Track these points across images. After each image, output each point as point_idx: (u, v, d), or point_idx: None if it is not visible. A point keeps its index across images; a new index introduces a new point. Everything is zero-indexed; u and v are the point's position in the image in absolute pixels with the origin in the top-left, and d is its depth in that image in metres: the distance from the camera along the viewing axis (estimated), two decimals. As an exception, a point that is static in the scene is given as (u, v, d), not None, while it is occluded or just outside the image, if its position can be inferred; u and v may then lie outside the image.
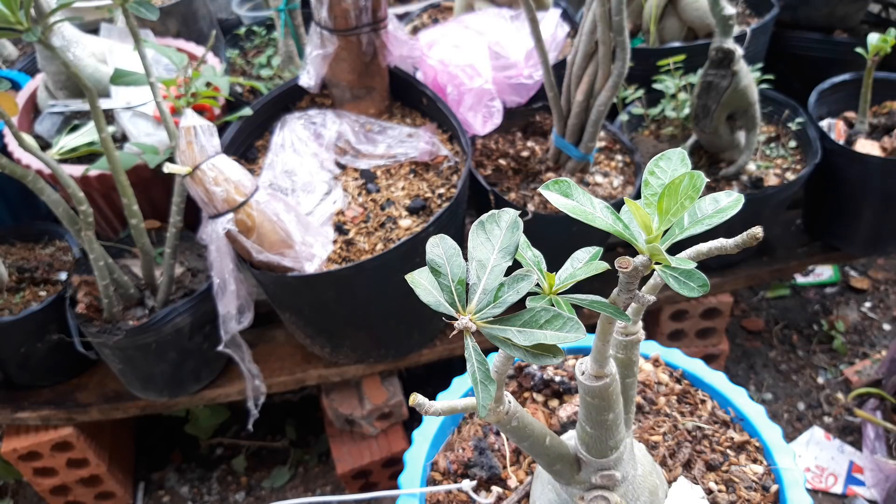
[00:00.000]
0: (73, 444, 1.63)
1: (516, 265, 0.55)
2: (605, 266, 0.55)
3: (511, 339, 0.50)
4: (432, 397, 0.70)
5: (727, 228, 0.56)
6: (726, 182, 1.64)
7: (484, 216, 0.54)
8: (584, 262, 0.59)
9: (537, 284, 0.56)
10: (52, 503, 1.77)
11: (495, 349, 0.58)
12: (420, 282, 0.54)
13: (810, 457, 1.81)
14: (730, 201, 0.56)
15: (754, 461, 0.96)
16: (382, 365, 1.60)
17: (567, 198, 0.56)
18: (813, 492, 1.75)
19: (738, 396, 1.02)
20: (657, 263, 0.55)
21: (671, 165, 0.59)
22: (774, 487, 0.92)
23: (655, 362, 1.10)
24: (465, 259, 0.53)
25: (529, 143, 1.65)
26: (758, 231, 0.53)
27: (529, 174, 1.57)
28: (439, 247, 0.53)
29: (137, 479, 1.91)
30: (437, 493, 0.98)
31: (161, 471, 1.93)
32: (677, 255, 0.60)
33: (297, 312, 1.46)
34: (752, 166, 1.67)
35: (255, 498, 1.85)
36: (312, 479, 1.86)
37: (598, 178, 1.54)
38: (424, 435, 1.03)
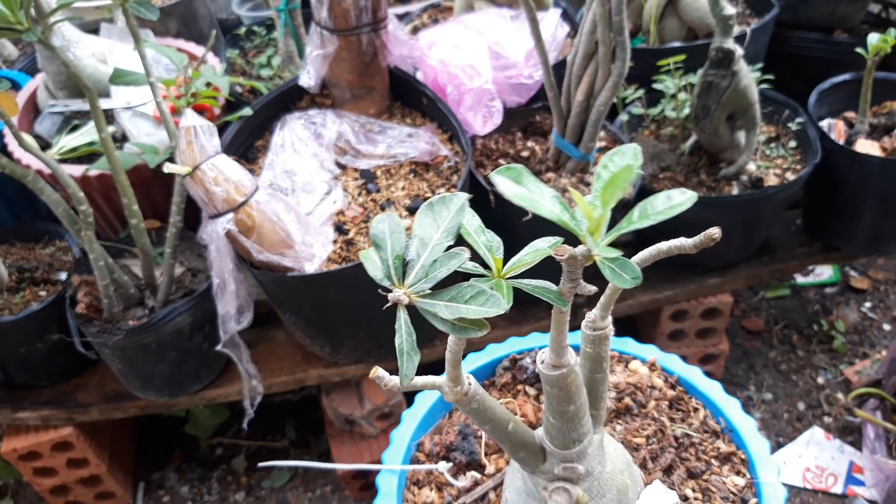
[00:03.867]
0: (73, 443, 1.63)
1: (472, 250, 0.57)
2: (547, 252, 0.57)
3: (438, 314, 0.52)
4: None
5: (727, 231, 0.57)
6: (726, 182, 1.64)
7: (434, 198, 0.56)
8: (538, 249, 0.60)
9: (487, 268, 0.58)
10: (52, 503, 1.77)
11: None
12: (370, 256, 0.56)
13: (810, 457, 1.81)
14: (683, 199, 0.58)
15: (737, 473, 0.96)
16: (383, 365, 1.59)
17: (517, 185, 0.57)
18: (813, 492, 1.75)
19: (731, 407, 1.02)
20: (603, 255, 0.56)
21: (624, 160, 0.60)
22: (753, 501, 0.91)
23: (651, 366, 1.10)
24: None
25: (529, 143, 1.65)
26: (715, 232, 0.55)
27: (529, 174, 1.57)
28: (385, 223, 0.55)
29: (137, 479, 1.91)
30: (419, 473, 1.00)
31: (161, 471, 1.93)
32: (641, 253, 0.61)
33: (296, 312, 1.46)
34: (752, 166, 1.67)
35: (255, 498, 1.85)
36: (312, 479, 1.86)
37: (598, 178, 1.54)
38: (413, 416, 1.05)
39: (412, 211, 1.41)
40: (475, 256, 0.58)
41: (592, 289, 0.62)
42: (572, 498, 0.75)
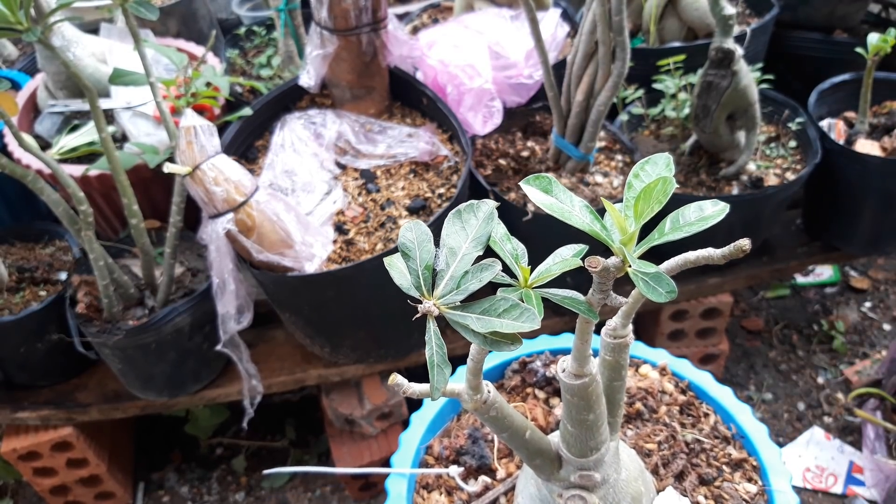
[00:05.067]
0: (73, 443, 1.63)
1: (497, 257, 0.56)
2: (577, 263, 0.56)
3: (470, 326, 0.51)
4: (432, 395, 0.71)
5: (727, 230, 0.57)
6: (726, 182, 1.64)
7: (462, 205, 0.55)
8: (565, 258, 0.59)
9: (514, 277, 0.57)
10: (52, 503, 1.77)
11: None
12: (396, 265, 0.55)
13: (810, 457, 1.81)
14: (714, 210, 0.57)
15: (749, 480, 0.96)
16: (382, 365, 1.60)
17: (547, 194, 0.56)
18: (813, 492, 1.75)
19: (742, 413, 1.02)
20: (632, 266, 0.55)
21: (656, 170, 0.59)
22: None
23: (662, 371, 1.09)
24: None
25: (529, 143, 1.65)
26: (745, 243, 0.54)
27: (529, 174, 1.57)
28: (412, 231, 0.54)
29: (137, 478, 1.91)
30: (427, 476, 0.99)
31: (161, 471, 1.93)
32: (667, 262, 0.60)
33: (296, 312, 1.46)
34: (752, 166, 1.67)
35: (255, 498, 1.85)
36: (312, 479, 1.86)
37: (599, 178, 1.54)
38: (422, 418, 1.05)
39: (412, 211, 1.41)
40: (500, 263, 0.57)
41: (622, 300, 0.61)
42: None
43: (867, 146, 1.64)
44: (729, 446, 1.00)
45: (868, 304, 2.21)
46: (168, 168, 1.18)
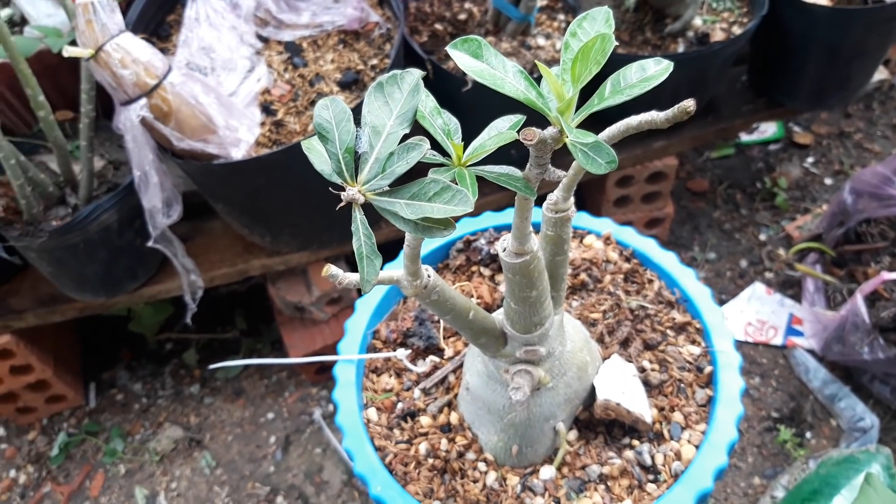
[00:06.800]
0: (14, 350, 1.58)
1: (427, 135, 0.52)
2: (514, 136, 0.52)
3: (399, 213, 0.48)
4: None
5: (673, 91, 0.53)
6: (672, 39, 1.58)
7: (383, 77, 0.50)
8: (501, 131, 0.55)
9: (447, 155, 0.53)
10: (2, 411, 1.74)
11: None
12: (315, 149, 0.51)
13: (752, 311, 1.87)
14: (657, 70, 0.53)
15: (693, 342, 0.96)
16: (327, 251, 1.56)
17: (477, 59, 0.51)
18: (754, 344, 1.81)
19: (686, 277, 1.02)
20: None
21: (595, 26, 0.54)
22: (708, 369, 0.93)
23: (607, 240, 1.08)
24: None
25: (467, 5, 1.55)
26: (689, 105, 0.50)
27: (468, 40, 1.48)
28: (329, 109, 0.49)
29: (88, 379, 1.88)
30: (376, 361, 0.99)
31: (111, 370, 1.90)
32: (608, 130, 0.56)
33: (229, 202, 1.39)
34: (698, 21, 1.60)
35: (211, 389, 1.84)
36: (268, 366, 1.86)
37: (541, 41, 1.47)
38: (367, 304, 1.04)
39: (344, 86, 1.33)
40: (431, 141, 0.52)
41: (562, 174, 0.58)
42: (534, 379, 0.76)
43: (814, -5, 1.58)
44: (673, 311, 1.00)
45: (811, 160, 2.23)
46: (68, 52, 1.08)
